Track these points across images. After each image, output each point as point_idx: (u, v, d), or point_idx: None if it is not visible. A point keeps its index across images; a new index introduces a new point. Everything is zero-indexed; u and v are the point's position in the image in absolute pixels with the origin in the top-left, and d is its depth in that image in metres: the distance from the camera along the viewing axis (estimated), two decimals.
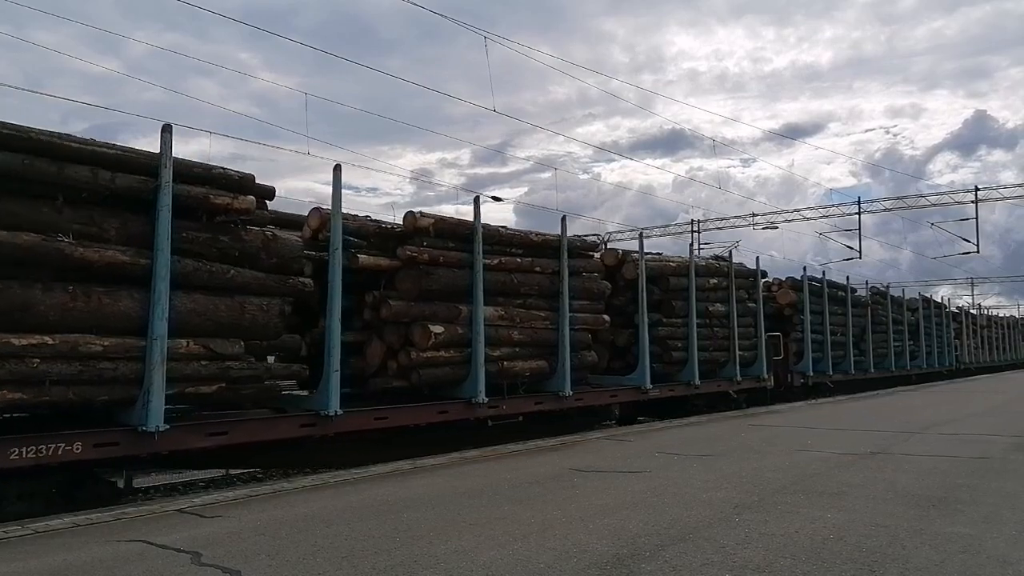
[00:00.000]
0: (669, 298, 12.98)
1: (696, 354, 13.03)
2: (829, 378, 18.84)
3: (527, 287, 9.98)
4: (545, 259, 10.30)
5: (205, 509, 5.36)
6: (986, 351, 36.35)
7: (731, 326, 14.29)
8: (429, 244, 8.79)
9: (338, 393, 7.36)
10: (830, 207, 36.59)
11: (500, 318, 9.50)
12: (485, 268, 9.18)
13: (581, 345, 10.89)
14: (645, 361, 11.87)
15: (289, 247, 7.41)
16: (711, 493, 5.63)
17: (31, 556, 4.18)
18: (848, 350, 20.13)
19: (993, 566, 3.77)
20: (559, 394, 10.21)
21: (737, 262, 15.81)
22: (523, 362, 9.86)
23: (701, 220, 40.27)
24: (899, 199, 36.27)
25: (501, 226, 10.10)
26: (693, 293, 13.15)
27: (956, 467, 6.87)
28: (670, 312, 12.94)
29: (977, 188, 33.05)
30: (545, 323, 10.18)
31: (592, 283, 11.30)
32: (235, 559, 3.98)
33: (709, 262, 14.71)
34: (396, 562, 3.87)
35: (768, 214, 38.82)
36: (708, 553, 3.97)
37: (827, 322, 18.91)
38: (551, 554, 3.96)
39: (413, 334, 8.57)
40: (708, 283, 13.95)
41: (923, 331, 26.11)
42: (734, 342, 14.25)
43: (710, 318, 13.81)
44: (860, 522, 4.66)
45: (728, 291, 14.38)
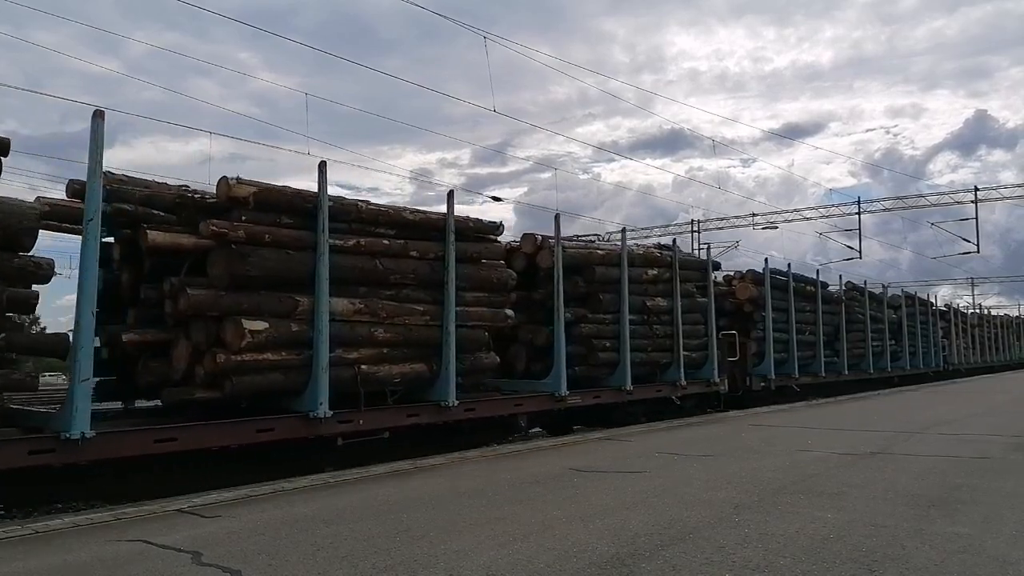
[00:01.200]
0: (596, 291, 11.53)
1: (629, 355, 11.55)
2: (795, 381, 17.32)
3: (400, 275, 8.27)
4: (426, 242, 8.62)
5: (205, 509, 5.36)
6: (978, 351, 35.11)
7: (675, 323, 12.80)
8: (250, 219, 7.08)
9: (87, 410, 5.81)
10: (830, 207, 36.69)
11: (359, 312, 7.82)
12: (336, 250, 7.57)
13: (476, 345, 9.29)
14: (560, 363, 10.33)
15: (19, 213, 5.75)
16: (711, 493, 5.64)
17: (31, 556, 4.18)
18: (818, 350, 18.68)
19: (993, 566, 3.77)
20: (442, 404, 8.50)
21: (686, 252, 14.47)
22: (392, 366, 8.15)
23: (701, 220, 40.37)
24: (899, 199, 36.37)
25: (362, 200, 8.31)
26: (626, 285, 11.66)
27: (956, 467, 6.87)
28: (597, 307, 11.51)
29: (977, 188, 33.13)
30: (424, 319, 8.46)
31: (492, 272, 9.57)
32: (235, 559, 3.98)
33: (648, 251, 13.16)
34: (396, 562, 3.87)
35: (768, 214, 38.92)
36: (708, 553, 3.97)
37: (793, 320, 17.42)
38: (551, 554, 3.96)
39: (224, 332, 6.86)
40: (646, 274, 12.47)
41: (906, 330, 24.83)
42: (678, 341, 12.75)
43: (648, 314, 12.35)
44: (860, 522, 4.66)
45: (672, 284, 12.90)
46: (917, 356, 25.81)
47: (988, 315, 40.64)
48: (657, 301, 12.59)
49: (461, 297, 8.89)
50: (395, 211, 8.51)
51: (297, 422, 7.27)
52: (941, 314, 29.99)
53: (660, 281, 12.78)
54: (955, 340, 30.97)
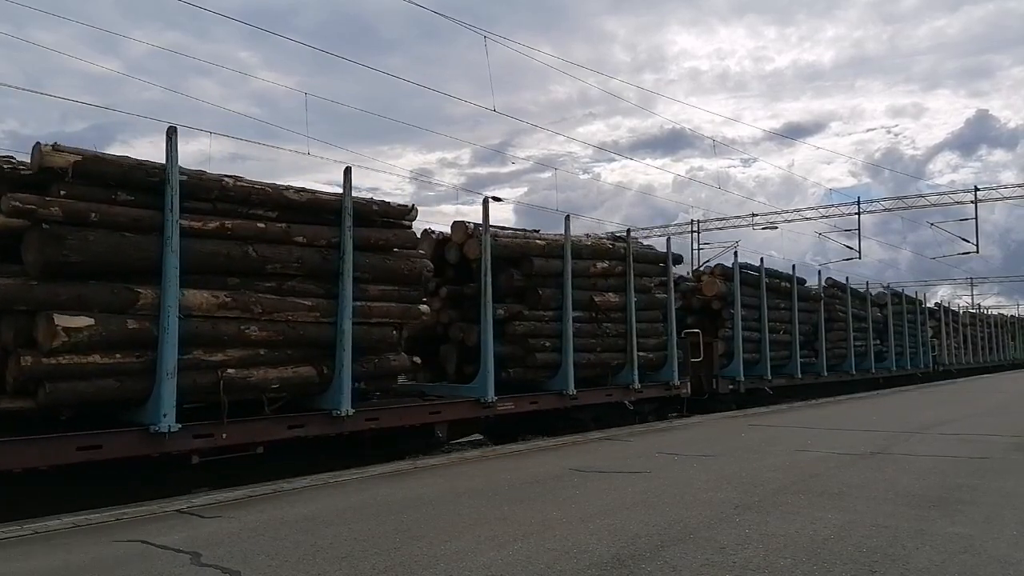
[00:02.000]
0: (535, 285, 10.35)
1: (572, 356, 10.39)
2: (767, 383, 16.13)
3: (281, 264, 7.13)
4: (317, 227, 7.46)
5: (205, 509, 5.35)
6: (970, 351, 33.94)
7: (629, 321, 11.54)
8: (71, 194, 5.89)
9: None
10: (830, 207, 36.67)
11: (224, 307, 6.64)
12: (192, 234, 6.41)
13: (381, 345, 8.04)
14: (487, 366, 9.15)
15: None
16: (711, 493, 5.63)
17: (31, 556, 4.18)
18: (794, 350, 17.44)
19: (994, 566, 3.77)
20: (334, 413, 7.31)
21: (646, 244, 13.38)
22: (270, 369, 6.99)
23: (701, 220, 40.33)
24: (899, 199, 36.35)
25: (231, 176, 6.96)
26: (569, 279, 10.48)
27: (956, 467, 6.87)
28: (536, 302, 10.34)
29: (977, 188, 33.10)
30: (313, 315, 7.31)
31: (402, 262, 8.29)
32: (235, 559, 3.98)
33: (598, 242, 11.87)
34: (396, 562, 3.86)
35: (768, 214, 38.90)
36: (708, 553, 3.97)
37: (765, 317, 16.19)
38: (551, 554, 3.96)
39: (35, 329, 5.74)
40: (595, 267, 11.25)
41: (892, 329, 23.72)
42: (632, 341, 11.51)
43: (597, 311, 11.14)
44: (860, 522, 4.65)
45: (625, 278, 11.65)
46: (904, 356, 24.78)
47: (981, 314, 39.64)
48: (608, 297, 11.35)
49: (362, 290, 7.77)
50: (274, 189, 7.21)
51: (134, 437, 6.04)
52: (931, 313, 29.17)
53: (611, 275, 11.55)
54: (946, 340, 29.94)
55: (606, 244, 11.88)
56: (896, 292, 25.77)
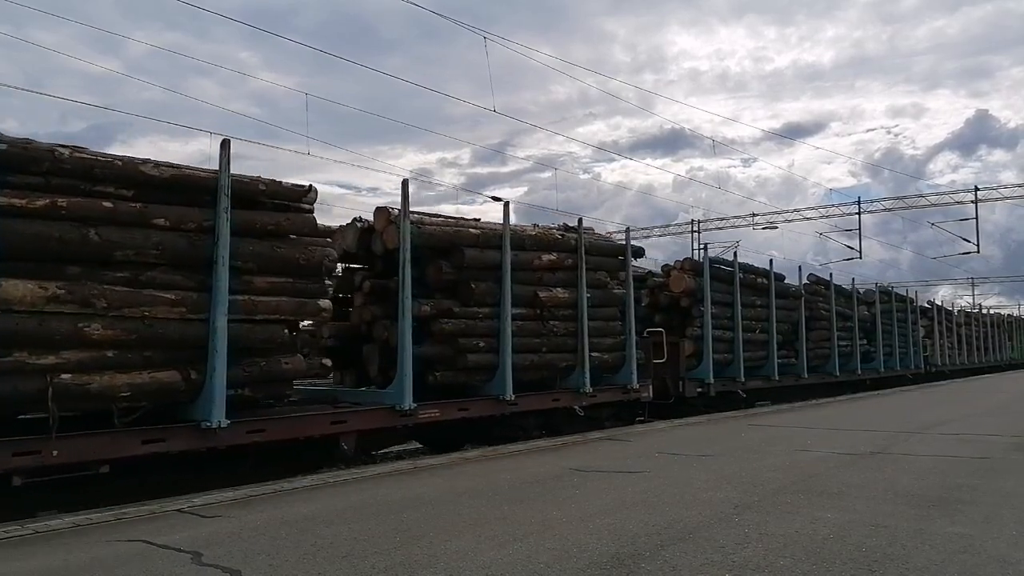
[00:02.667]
0: (468, 278, 9.30)
1: (510, 357, 9.36)
2: (740, 385, 15.07)
3: (134, 251, 6.07)
4: (186, 208, 6.45)
5: (205, 509, 5.36)
6: (964, 352, 32.62)
7: (580, 319, 10.52)
8: None
9: None
10: (830, 207, 36.71)
11: (55, 300, 5.62)
12: (13, 212, 5.48)
13: (269, 346, 7.02)
14: (404, 368, 8.07)
15: None
16: (711, 493, 5.63)
17: (31, 556, 4.18)
18: (771, 351, 16.25)
19: (994, 566, 3.77)
20: (204, 425, 6.26)
21: (600, 235, 12.30)
22: (119, 375, 5.92)
23: (701, 220, 40.39)
24: (899, 199, 36.40)
25: (69, 145, 5.97)
26: (509, 272, 9.46)
27: (956, 467, 6.87)
28: (468, 298, 9.28)
29: (977, 188, 33.14)
30: (178, 310, 6.26)
31: (298, 250, 7.26)
32: (235, 559, 3.98)
33: (544, 232, 10.88)
34: (396, 562, 3.87)
35: (768, 214, 38.95)
36: (708, 553, 3.97)
37: (739, 315, 15.08)
38: (551, 554, 3.96)
39: None
40: (540, 260, 10.24)
41: (880, 328, 22.53)
42: (583, 340, 10.50)
43: (542, 308, 10.09)
44: (860, 522, 4.66)
45: (577, 272, 10.61)
46: (893, 357, 23.61)
47: (977, 313, 38.13)
48: (555, 292, 10.32)
49: (246, 283, 6.78)
50: (127, 163, 6.16)
51: None
52: (923, 311, 28.16)
53: (560, 268, 10.51)
54: (938, 339, 28.80)
55: (554, 234, 10.84)
56: (885, 290, 24.48)
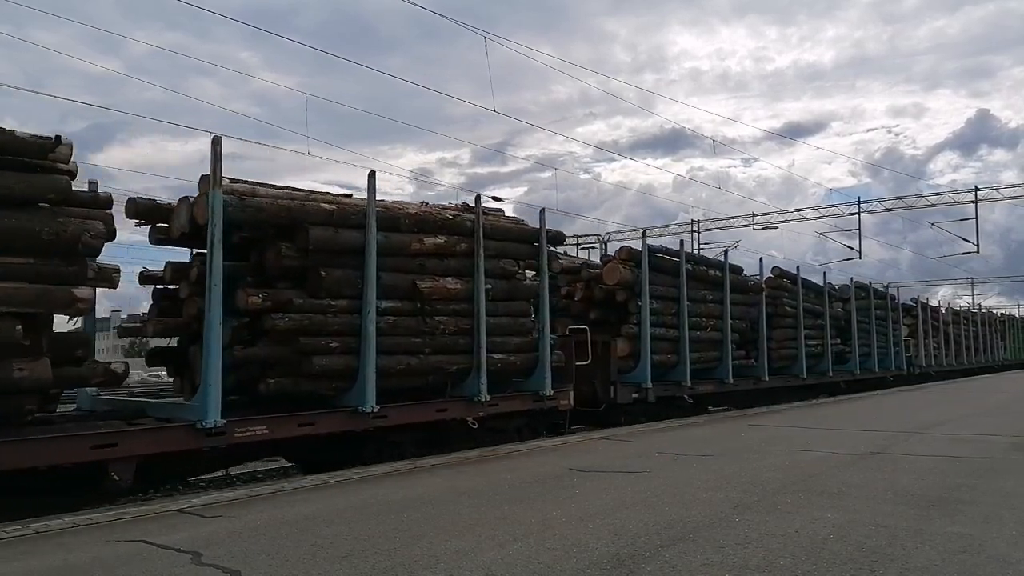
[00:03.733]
0: (317, 263, 7.63)
1: (374, 360, 7.71)
2: (688, 390, 13.36)
3: None
4: None
5: (205, 509, 5.36)
6: (952, 352, 30.84)
7: (476, 314, 8.94)
8: None
9: None
10: (830, 207, 36.71)
11: None
12: None
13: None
14: (209, 376, 6.54)
15: None
16: (711, 493, 5.64)
17: (31, 556, 4.18)
18: (725, 351, 14.52)
19: (994, 566, 3.77)
20: None
21: (509, 216, 10.56)
22: None
23: (701, 220, 40.35)
24: (899, 199, 36.38)
25: None
26: (374, 257, 7.83)
27: (956, 467, 6.88)
28: (317, 287, 7.59)
29: (977, 188, 33.12)
30: None
31: (43, 222, 5.77)
32: (235, 559, 3.98)
33: (428, 210, 9.03)
34: (396, 562, 3.87)
35: (768, 214, 38.93)
36: (708, 553, 3.97)
37: (686, 311, 13.41)
38: (551, 554, 3.97)
39: None
40: (421, 243, 8.56)
41: (855, 326, 20.84)
42: (480, 339, 8.93)
43: (424, 301, 8.46)
44: (860, 522, 4.66)
45: (473, 259, 9.03)
46: (871, 357, 21.96)
47: (967, 311, 36.30)
48: (443, 282, 8.68)
49: None
50: None
51: None
52: (907, 309, 26.64)
53: (451, 254, 8.91)
54: (923, 339, 27.03)
55: (444, 214, 9.05)
56: (862, 285, 22.68)
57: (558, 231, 10.85)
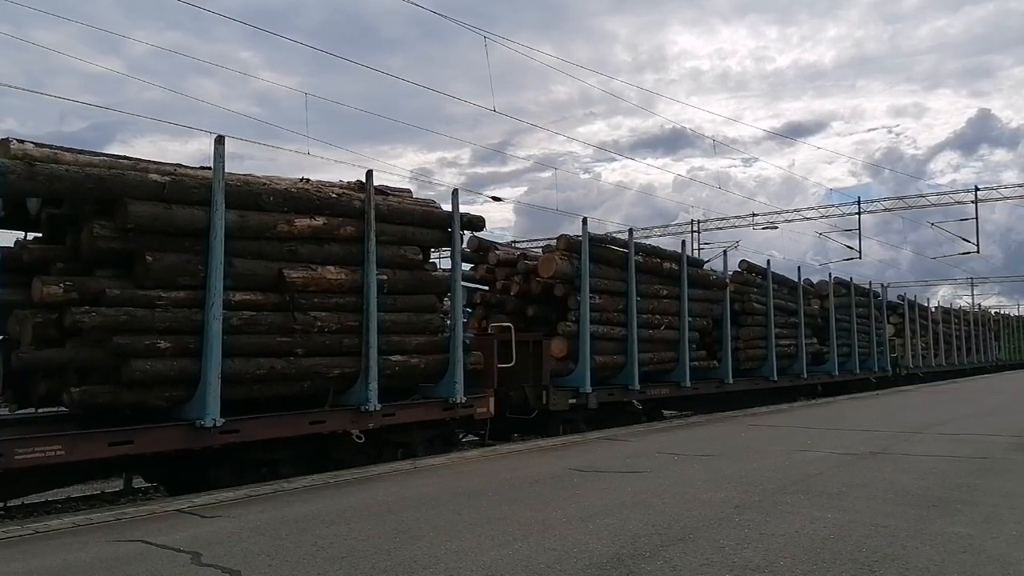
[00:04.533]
0: (143, 247, 6.36)
1: (218, 363, 6.41)
2: (637, 394, 12.16)
3: None
4: None
5: (205, 509, 5.36)
6: (941, 352, 29.46)
7: (366, 309, 7.64)
8: None
9: None
10: (830, 207, 36.69)
11: None
12: None
13: None
14: None
15: None
16: (711, 493, 5.63)
17: (31, 556, 4.18)
18: (682, 351, 13.15)
19: (994, 566, 3.77)
20: None
21: (417, 199, 8.98)
22: None
23: (701, 220, 40.35)
24: (899, 199, 36.36)
25: None
26: (221, 240, 6.55)
27: (956, 467, 6.88)
28: (144, 275, 6.34)
29: (977, 188, 33.10)
30: None
31: None
32: (235, 559, 3.98)
33: (302, 187, 7.58)
34: (396, 562, 3.87)
35: (768, 214, 38.91)
36: (708, 553, 3.97)
37: (634, 307, 12.01)
38: (551, 554, 3.96)
39: None
40: (292, 225, 7.24)
41: (834, 325, 19.55)
42: (370, 338, 7.61)
43: (293, 292, 7.19)
44: (860, 522, 4.66)
45: (364, 246, 7.74)
46: (852, 358, 20.74)
47: (957, 310, 34.96)
48: (320, 272, 7.41)
49: None
50: None
51: None
52: (893, 307, 25.57)
53: (335, 239, 7.65)
54: (910, 339, 25.68)
55: (326, 191, 7.78)
56: (843, 281, 21.30)
57: (476, 215, 9.57)
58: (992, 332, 39.65)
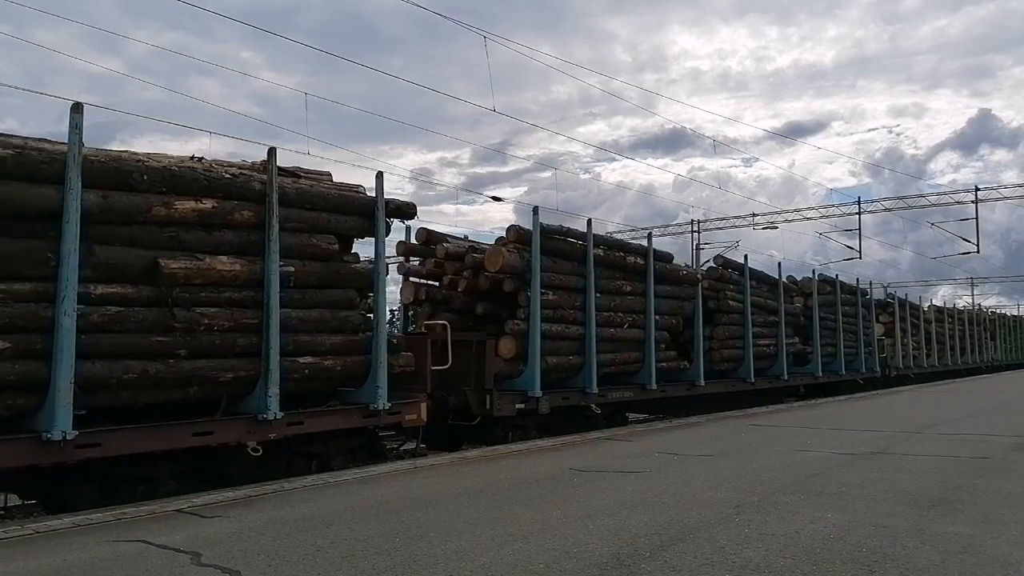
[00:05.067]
0: None
1: (70, 367, 5.54)
2: (595, 398, 11.19)
3: None
4: None
5: (205, 509, 5.36)
6: (934, 353, 28.56)
7: (267, 304, 6.78)
8: None
9: None
10: (830, 207, 36.63)
11: None
12: None
13: None
14: None
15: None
16: (711, 493, 5.63)
17: (31, 556, 4.18)
18: (648, 351, 12.22)
19: (994, 566, 3.77)
20: None
21: (338, 184, 8.11)
22: None
23: (701, 220, 40.30)
24: (899, 199, 36.30)
25: None
26: (75, 224, 5.67)
27: (956, 467, 6.88)
28: None
29: (977, 188, 33.00)
30: None
31: None
32: (235, 559, 3.98)
33: (186, 165, 6.65)
34: (396, 562, 3.87)
35: (768, 214, 38.84)
36: (708, 553, 3.97)
37: (592, 304, 11.12)
38: (551, 554, 3.96)
39: None
40: (171, 208, 6.30)
41: (818, 324, 18.53)
42: (270, 338, 6.74)
43: (172, 285, 6.23)
44: (860, 522, 4.66)
45: (264, 232, 6.83)
46: (837, 359, 19.77)
47: (951, 309, 34.08)
48: (209, 262, 6.50)
49: None
50: None
51: None
52: (883, 305, 24.79)
53: (229, 224, 6.75)
54: (900, 339, 24.80)
55: (217, 171, 6.80)
56: (827, 278, 20.44)
57: (405, 201, 8.60)
58: (988, 332, 38.83)
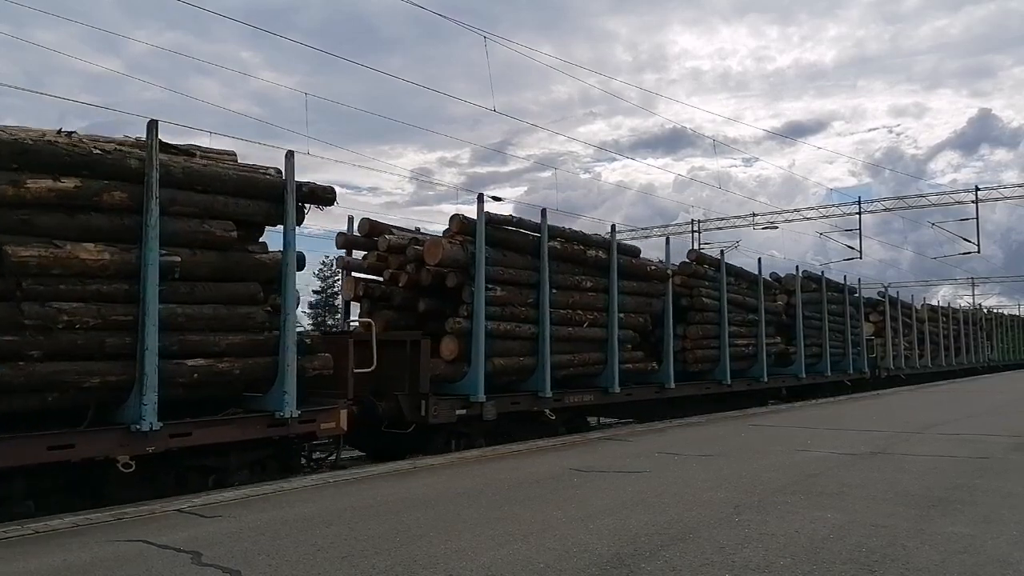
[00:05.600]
0: None
1: None
2: (549, 402, 10.29)
3: None
4: None
5: (205, 509, 5.36)
6: (927, 353, 27.63)
7: (143, 300, 5.94)
8: None
9: None
10: (830, 207, 36.63)
11: None
12: None
13: None
14: None
15: None
16: (711, 493, 5.63)
17: (31, 556, 4.18)
18: (611, 352, 11.32)
19: (994, 566, 3.77)
20: None
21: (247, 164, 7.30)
22: None
23: (701, 220, 40.31)
24: (900, 199, 36.31)
25: None
26: None
27: (956, 467, 6.88)
28: None
29: (978, 188, 33.03)
30: None
31: None
32: (235, 559, 3.98)
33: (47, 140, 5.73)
34: (396, 562, 3.87)
35: (768, 214, 38.85)
36: (708, 553, 3.97)
37: (547, 301, 10.19)
38: (551, 554, 3.96)
39: None
40: (22, 188, 5.43)
41: (801, 323, 17.69)
42: (146, 337, 5.90)
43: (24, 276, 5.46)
44: (860, 522, 4.66)
45: (143, 217, 6.01)
46: (823, 359, 18.87)
47: (946, 308, 32.87)
48: (69, 249, 5.68)
49: None
50: None
51: None
52: (872, 304, 23.96)
53: (89, 207, 5.87)
54: (891, 338, 23.96)
55: (85, 147, 5.86)
56: (811, 275, 19.56)
57: (323, 185, 7.59)
58: (984, 331, 37.80)
